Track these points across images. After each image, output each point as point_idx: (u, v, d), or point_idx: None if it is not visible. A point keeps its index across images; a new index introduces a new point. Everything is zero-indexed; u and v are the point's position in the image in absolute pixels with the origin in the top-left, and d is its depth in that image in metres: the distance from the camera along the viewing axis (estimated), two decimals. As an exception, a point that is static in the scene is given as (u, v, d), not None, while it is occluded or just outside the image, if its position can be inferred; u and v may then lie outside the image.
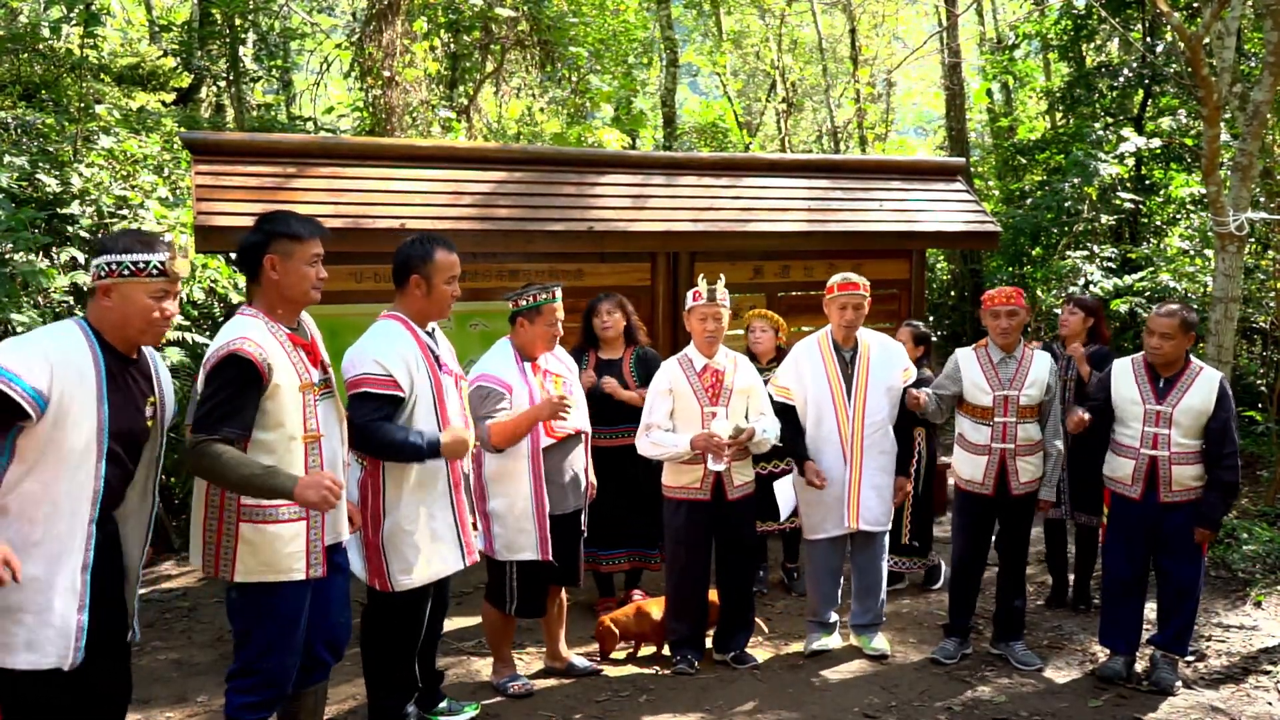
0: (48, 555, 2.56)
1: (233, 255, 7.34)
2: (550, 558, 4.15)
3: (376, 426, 3.38)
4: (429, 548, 3.56)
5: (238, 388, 2.89)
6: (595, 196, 6.26)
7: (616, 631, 4.71)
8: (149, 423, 2.79)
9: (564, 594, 4.61)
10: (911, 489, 5.57)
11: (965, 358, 4.79)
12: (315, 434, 3.09)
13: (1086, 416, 4.49)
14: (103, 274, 2.66)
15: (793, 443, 4.75)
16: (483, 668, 4.66)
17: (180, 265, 2.69)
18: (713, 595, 4.84)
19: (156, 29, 13.65)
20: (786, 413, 4.76)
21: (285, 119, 13.77)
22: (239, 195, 5.41)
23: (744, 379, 4.64)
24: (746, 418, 4.61)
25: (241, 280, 7.16)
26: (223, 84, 13.45)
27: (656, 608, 4.81)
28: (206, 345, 6.58)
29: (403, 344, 3.50)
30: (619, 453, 5.12)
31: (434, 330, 3.67)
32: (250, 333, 2.96)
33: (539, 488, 4.13)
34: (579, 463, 4.37)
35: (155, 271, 2.64)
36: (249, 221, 5.21)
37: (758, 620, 4.92)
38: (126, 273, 2.62)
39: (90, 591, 2.64)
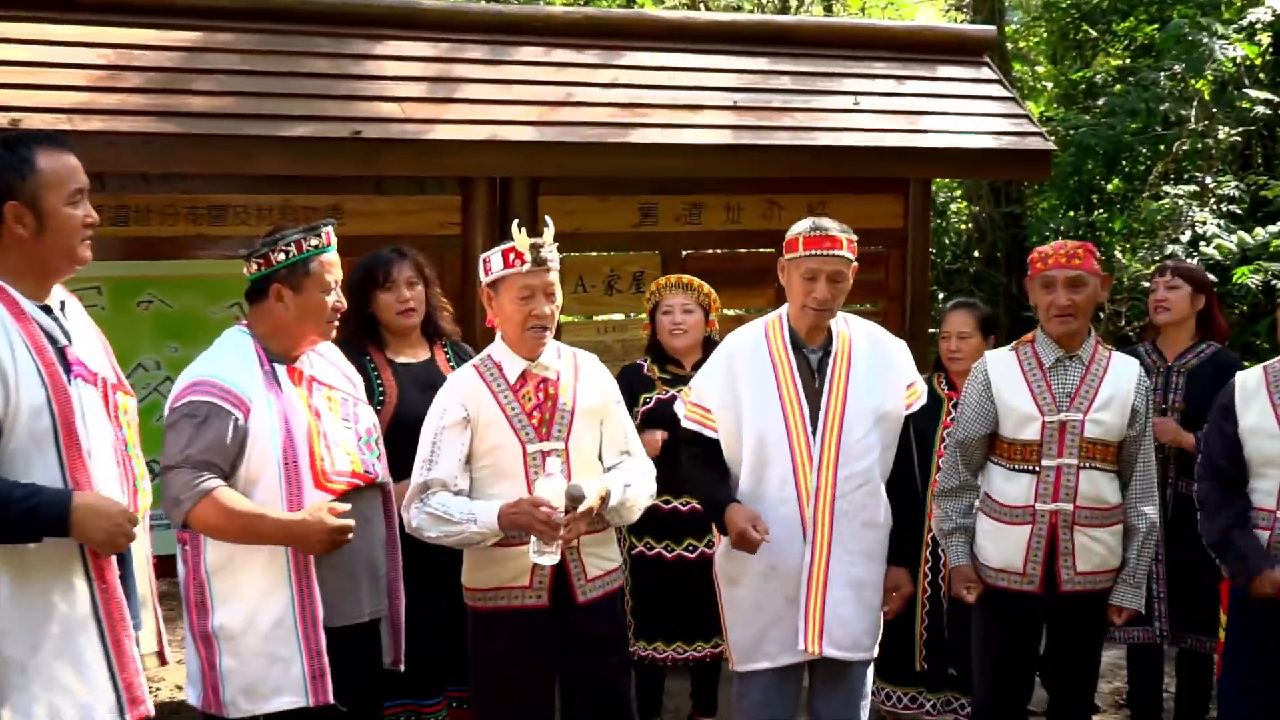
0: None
1: None
2: (329, 698, 3.02)
3: None
4: (77, 695, 2.64)
5: None
6: (366, 79, 4.75)
7: None
8: None
9: None
10: (916, 588, 4.10)
11: (999, 365, 3.75)
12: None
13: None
14: None
15: (710, 493, 3.55)
16: None
17: None
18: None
19: None
20: (704, 447, 3.57)
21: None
22: None
23: (590, 392, 3.42)
24: (601, 459, 3.36)
25: None
26: None
27: None
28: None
29: None
30: None
31: (63, 304, 2.73)
32: None
33: (304, 580, 3.05)
34: (378, 534, 3.15)
35: None
36: None
37: None
38: None
39: None
